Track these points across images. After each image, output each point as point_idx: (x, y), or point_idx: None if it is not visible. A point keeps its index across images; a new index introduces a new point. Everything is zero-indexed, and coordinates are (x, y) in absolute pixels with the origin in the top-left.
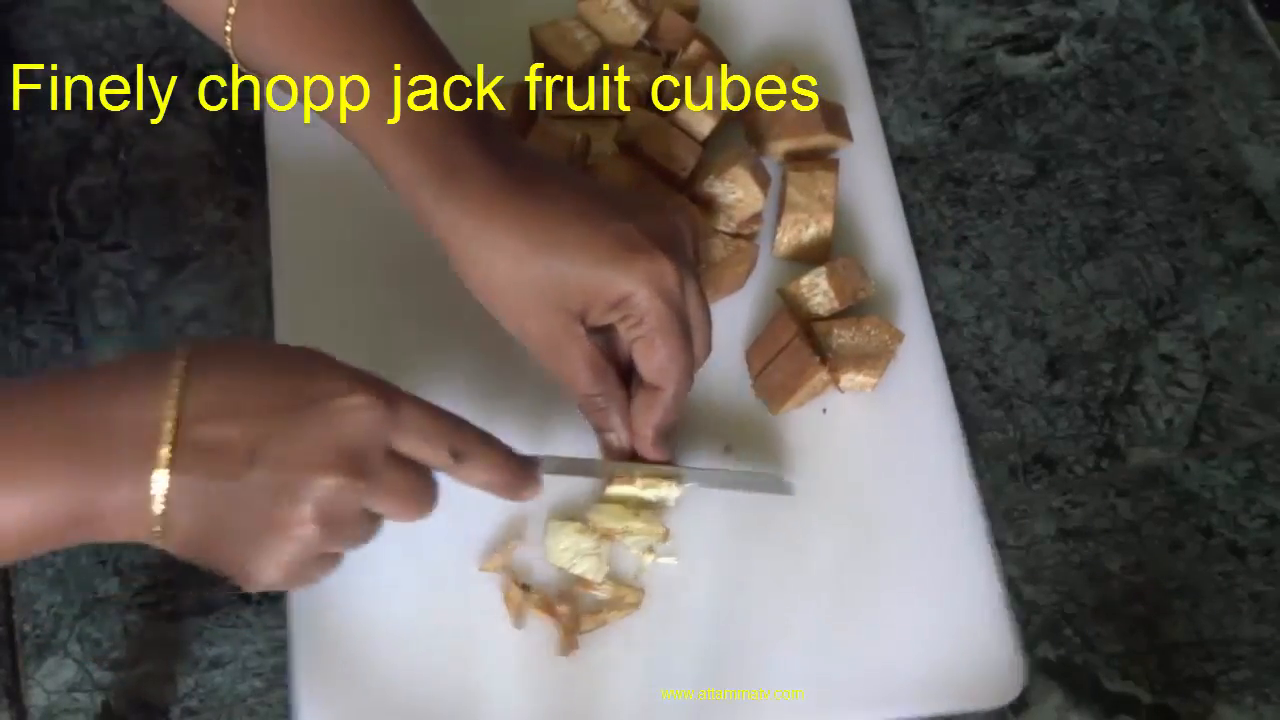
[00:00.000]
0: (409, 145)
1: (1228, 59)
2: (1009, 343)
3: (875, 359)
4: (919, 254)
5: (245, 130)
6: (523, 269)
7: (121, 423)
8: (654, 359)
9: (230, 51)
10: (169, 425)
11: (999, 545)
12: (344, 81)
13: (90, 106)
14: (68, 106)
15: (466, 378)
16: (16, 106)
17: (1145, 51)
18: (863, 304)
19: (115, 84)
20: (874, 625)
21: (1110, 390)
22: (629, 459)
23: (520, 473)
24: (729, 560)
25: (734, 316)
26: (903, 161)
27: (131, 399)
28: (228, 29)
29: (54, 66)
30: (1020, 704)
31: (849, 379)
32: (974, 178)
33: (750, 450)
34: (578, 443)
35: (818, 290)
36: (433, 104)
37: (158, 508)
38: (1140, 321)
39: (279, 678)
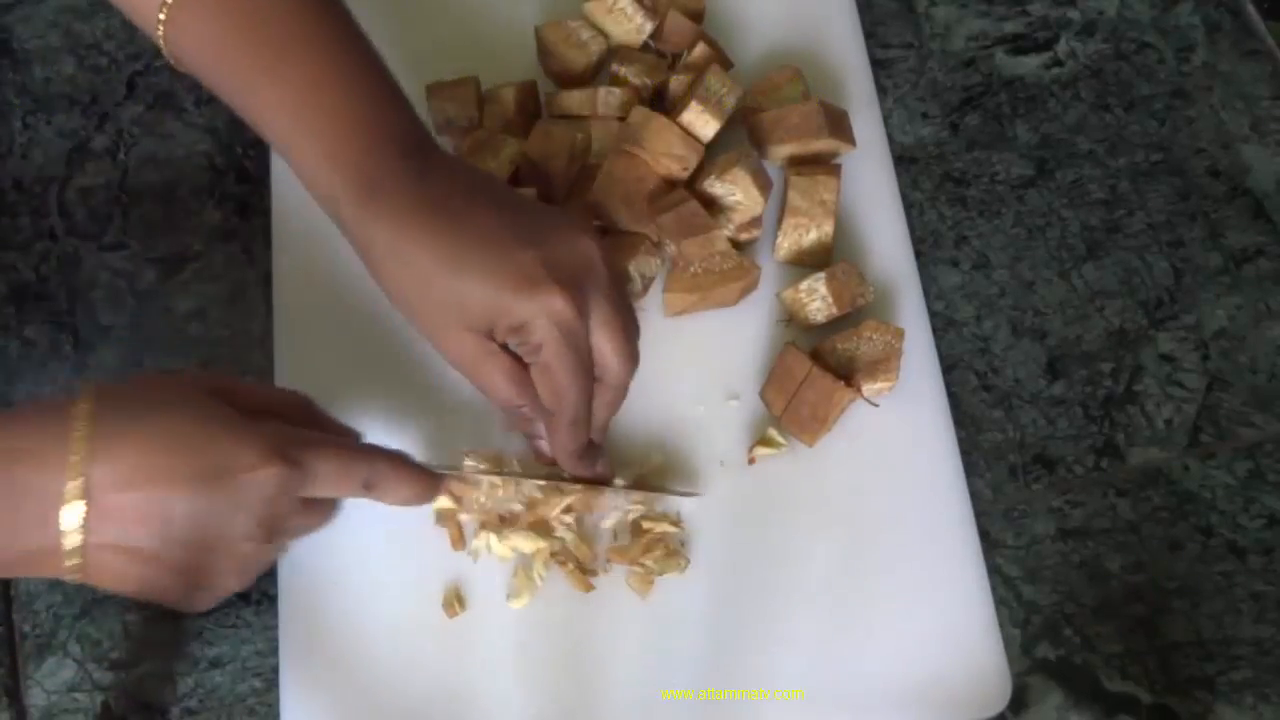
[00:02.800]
0: (328, 163)
1: (1228, 59)
2: (1009, 343)
3: (886, 360)
4: (918, 254)
5: (245, 130)
6: (430, 288)
7: (27, 489)
8: (547, 386)
9: (161, 47)
10: (76, 485)
11: (999, 545)
12: (268, 97)
13: (90, 106)
14: (68, 107)
15: (475, 393)
16: (16, 106)
17: (1145, 51)
18: (861, 310)
19: (115, 84)
20: (866, 631)
21: (1110, 390)
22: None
23: (430, 485)
24: (728, 562)
25: (730, 324)
26: (903, 161)
27: (38, 462)
28: (160, 32)
29: (54, 66)
30: (1020, 704)
31: (869, 387)
32: (974, 178)
33: (758, 468)
34: None
35: (816, 296)
36: (354, 124)
37: (73, 560)
38: (1140, 321)
39: (278, 678)
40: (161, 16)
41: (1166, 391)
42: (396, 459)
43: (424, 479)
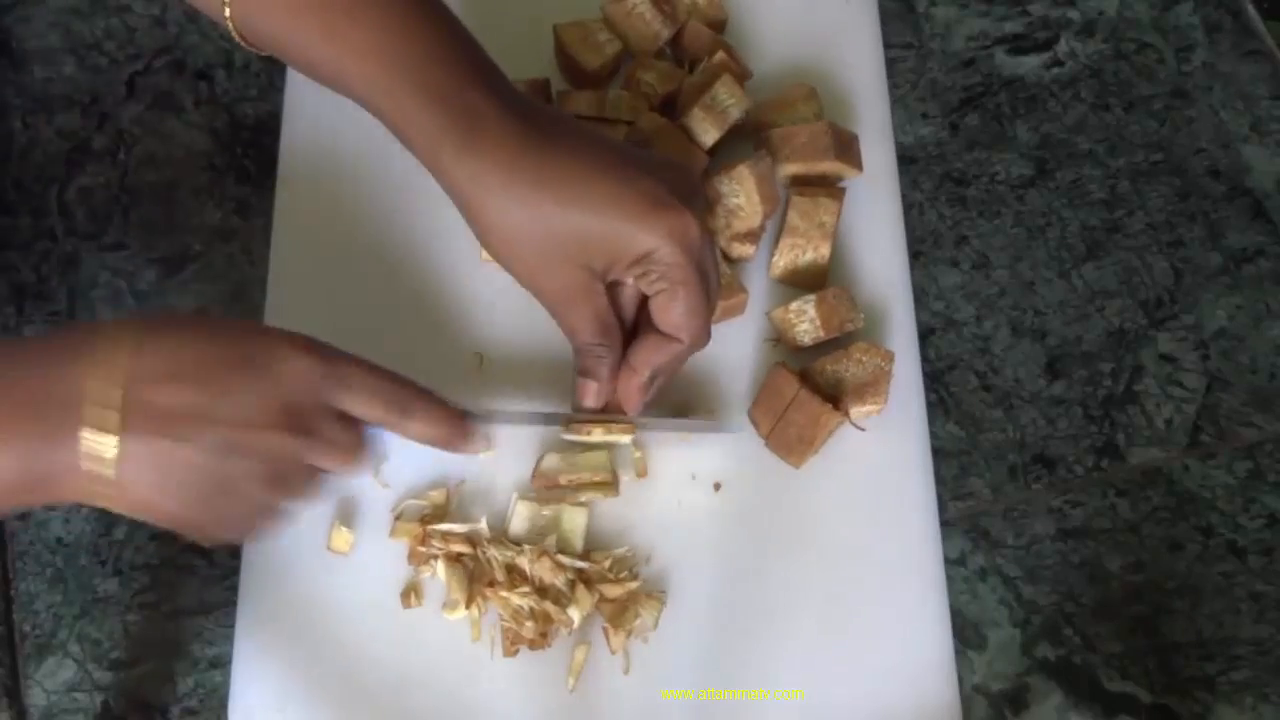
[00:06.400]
0: (426, 99)
1: (1227, 59)
2: (1009, 343)
3: (875, 384)
4: (918, 254)
5: (245, 130)
6: (547, 224)
7: (71, 389)
8: (674, 311)
9: (231, 31)
10: (117, 391)
11: (999, 545)
12: (353, 41)
13: (90, 106)
14: (68, 107)
15: (459, 381)
16: (16, 106)
17: (1145, 51)
18: (850, 335)
19: (115, 84)
20: (826, 658)
21: (1110, 390)
22: (598, 412)
23: (461, 426)
24: (703, 582)
25: (716, 338)
26: (903, 161)
27: (80, 366)
28: (227, 12)
29: (54, 66)
30: (1020, 704)
31: (857, 410)
32: (974, 178)
33: (736, 480)
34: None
35: (805, 318)
36: (447, 56)
37: (109, 471)
38: (1140, 321)
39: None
40: None
41: (1166, 391)
42: (430, 393)
43: (457, 418)
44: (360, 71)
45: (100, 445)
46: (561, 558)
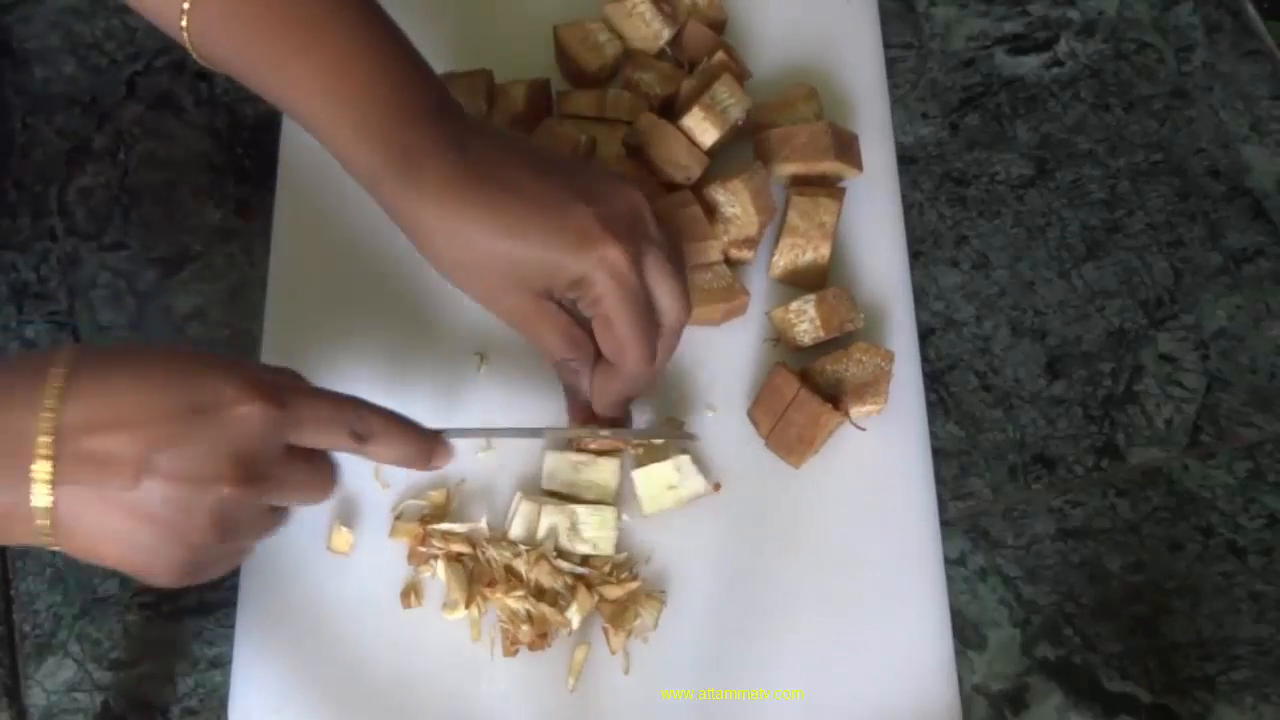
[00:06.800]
0: (365, 137)
1: (1227, 59)
2: (1009, 342)
3: (876, 384)
4: (918, 254)
5: (245, 130)
6: (484, 255)
7: (5, 434)
8: (609, 337)
9: (189, 49)
10: (46, 439)
11: (999, 545)
12: (298, 76)
13: (90, 106)
14: (68, 107)
15: (459, 381)
16: (16, 106)
17: (1145, 51)
18: (850, 335)
19: (115, 84)
20: (826, 660)
21: (1110, 390)
22: (591, 421)
23: (426, 443)
24: (704, 579)
25: (716, 337)
26: (903, 161)
27: (10, 409)
28: (183, 24)
29: (54, 66)
30: (1020, 704)
31: (857, 410)
32: (974, 178)
33: (736, 480)
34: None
35: (805, 318)
36: (388, 95)
37: (41, 520)
38: (1140, 321)
39: None
40: (185, 6)
41: (1166, 391)
42: (391, 413)
43: (420, 437)
44: (304, 105)
45: (31, 496)
46: (560, 562)
